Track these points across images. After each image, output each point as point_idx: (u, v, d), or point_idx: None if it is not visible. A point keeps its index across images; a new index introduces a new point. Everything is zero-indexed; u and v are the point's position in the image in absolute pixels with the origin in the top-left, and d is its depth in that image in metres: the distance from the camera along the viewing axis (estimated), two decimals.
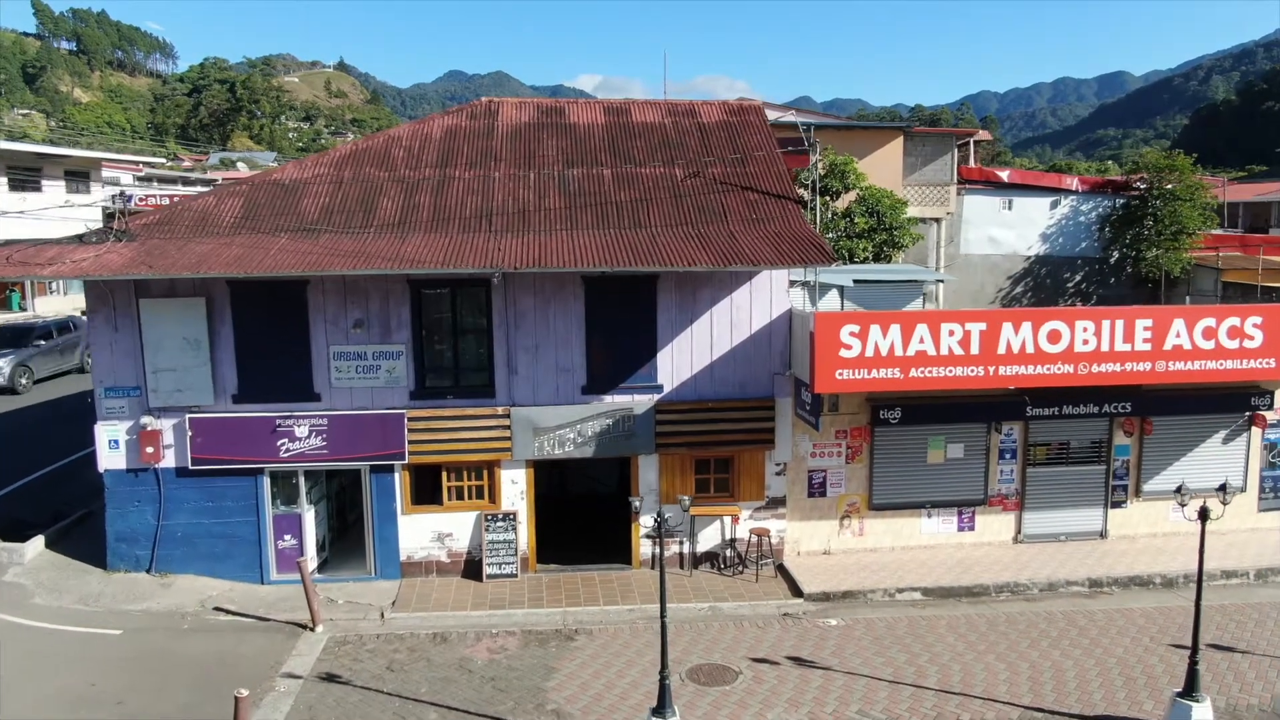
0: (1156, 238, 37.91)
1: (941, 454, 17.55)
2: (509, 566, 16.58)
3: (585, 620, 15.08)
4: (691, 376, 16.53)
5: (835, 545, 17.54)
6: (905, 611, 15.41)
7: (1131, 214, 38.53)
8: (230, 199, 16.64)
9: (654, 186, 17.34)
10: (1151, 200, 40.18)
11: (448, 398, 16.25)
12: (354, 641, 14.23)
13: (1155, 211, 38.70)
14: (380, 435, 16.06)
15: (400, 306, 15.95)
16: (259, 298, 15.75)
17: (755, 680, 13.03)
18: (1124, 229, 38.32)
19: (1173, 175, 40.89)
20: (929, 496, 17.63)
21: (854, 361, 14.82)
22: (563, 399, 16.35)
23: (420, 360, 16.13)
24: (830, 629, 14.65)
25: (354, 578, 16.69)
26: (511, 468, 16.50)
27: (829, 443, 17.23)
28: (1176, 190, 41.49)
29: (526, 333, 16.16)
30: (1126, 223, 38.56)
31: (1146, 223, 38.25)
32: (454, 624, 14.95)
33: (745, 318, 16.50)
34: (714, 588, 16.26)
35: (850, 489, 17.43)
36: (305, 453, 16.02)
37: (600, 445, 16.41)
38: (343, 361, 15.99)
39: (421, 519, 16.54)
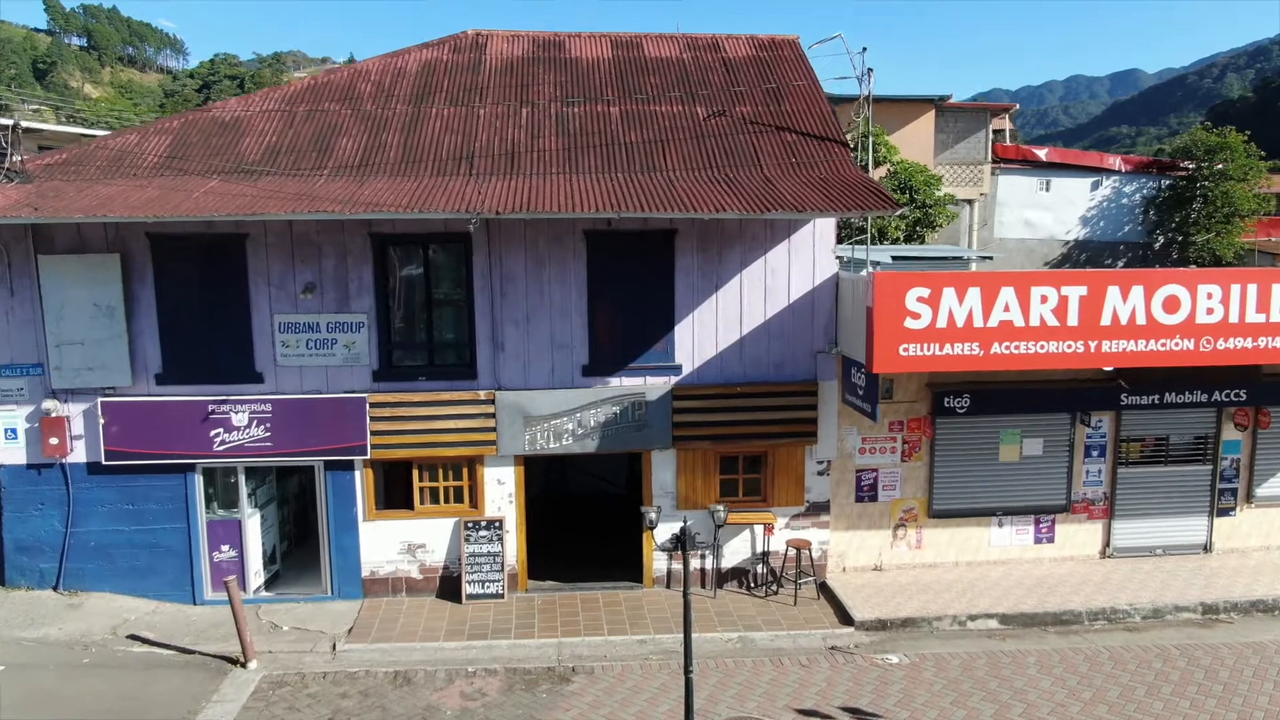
0: (1207, 220, 35.06)
1: (1016, 450, 14.57)
2: (494, 585, 13.65)
3: (585, 655, 12.14)
4: (716, 355, 13.58)
5: (888, 560, 14.58)
6: (981, 645, 12.43)
7: (1179, 195, 35.78)
8: (156, 137, 13.74)
9: (670, 127, 14.38)
10: (1201, 181, 37.25)
11: (419, 379, 13.33)
12: (293, 682, 11.30)
13: (1205, 193, 35.84)
14: (337, 425, 13.15)
15: (360, 267, 13.03)
16: (187, 255, 12.86)
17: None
18: (1171, 212, 35.60)
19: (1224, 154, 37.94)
20: (1001, 502, 14.65)
21: (922, 334, 11.84)
22: (560, 381, 13.42)
23: (385, 333, 13.22)
24: (892, 669, 11.68)
25: (307, 597, 13.78)
26: (497, 464, 13.57)
27: (881, 436, 14.26)
28: (1229, 169, 38.53)
29: (516, 300, 13.24)
30: (1174, 205, 35.85)
31: (1195, 205, 35.47)
32: (421, 659, 12.02)
33: (782, 283, 13.55)
34: (743, 612, 13.31)
35: (906, 492, 14.46)
36: (245, 445, 13.11)
37: (605, 438, 13.47)
38: (290, 334, 13.08)
39: (388, 527, 13.62)
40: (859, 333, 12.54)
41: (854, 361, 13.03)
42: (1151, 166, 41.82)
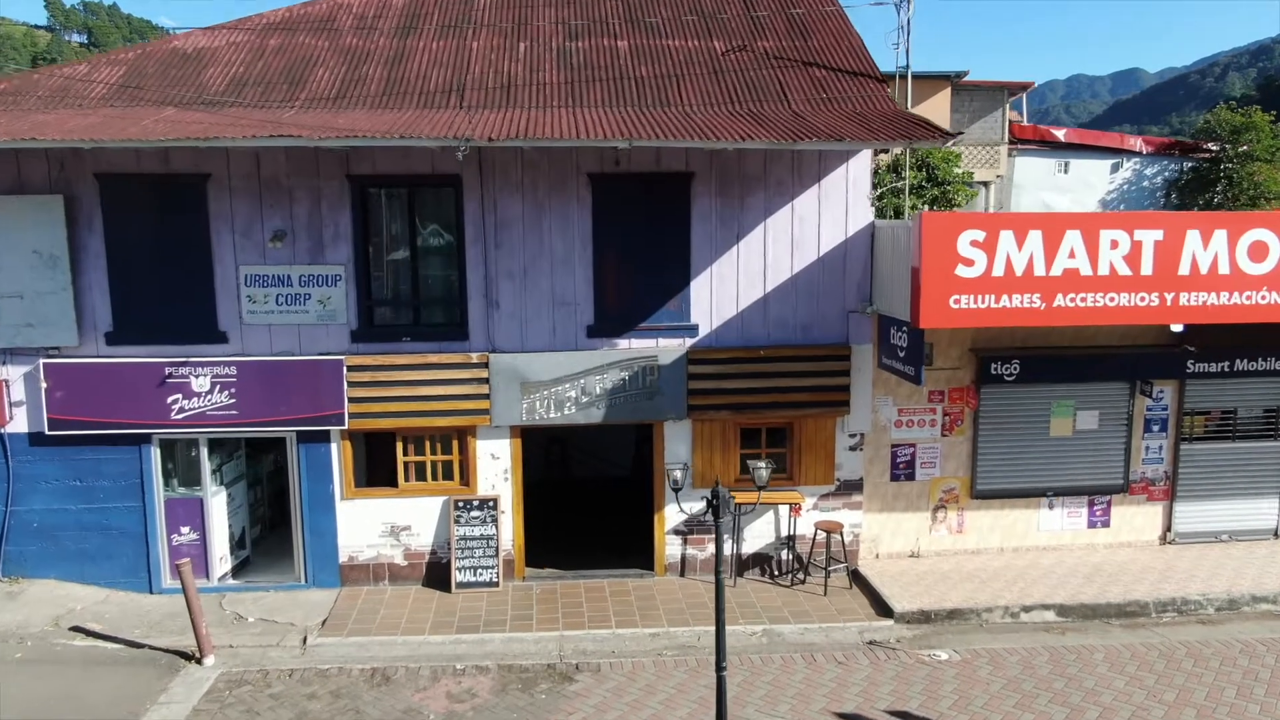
0: (1231, 204, 33.76)
1: (1069, 423, 13.09)
2: (487, 572, 12.16)
3: (590, 650, 10.66)
4: (737, 314, 12.10)
5: (926, 545, 13.09)
6: (1038, 639, 10.96)
7: (1202, 178, 34.48)
8: (108, 68, 12.23)
9: (685, 61, 12.89)
10: (1225, 162, 35.84)
11: (403, 340, 11.84)
12: (255, 681, 9.82)
13: (1230, 174, 34.47)
14: (310, 390, 11.66)
15: (337, 213, 11.55)
16: (141, 198, 11.37)
17: None
18: (1194, 195, 34.28)
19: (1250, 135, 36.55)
20: (1051, 481, 13.17)
21: (976, 284, 10.35)
22: (561, 343, 11.94)
23: (365, 288, 11.74)
24: (941, 666, 10.20)
25: (278, 586, 12.29)
26: (491, 437, 12.09)
27: (920, 408, 12.78)
28: (1255, 150, 37.11)
29: (512, 251, 11.75)
30: (1197, 188, 34.58)
31: (1219, 187, 34.17)
32: (403, 655, 10.53)
33: (811, 234, 12.06)
34: (768, 603, 11.82)
35: (947, 470, 12.99)
36: (207, 414, 11.62)
37: (612, 407, 11.99)
38: (258, 288, 11.59)
39: (368, 507, 12.14)
40: (901, 286, 11.07)
41: (893, 320, 11.54)
42: (1174, 148, 40.35)
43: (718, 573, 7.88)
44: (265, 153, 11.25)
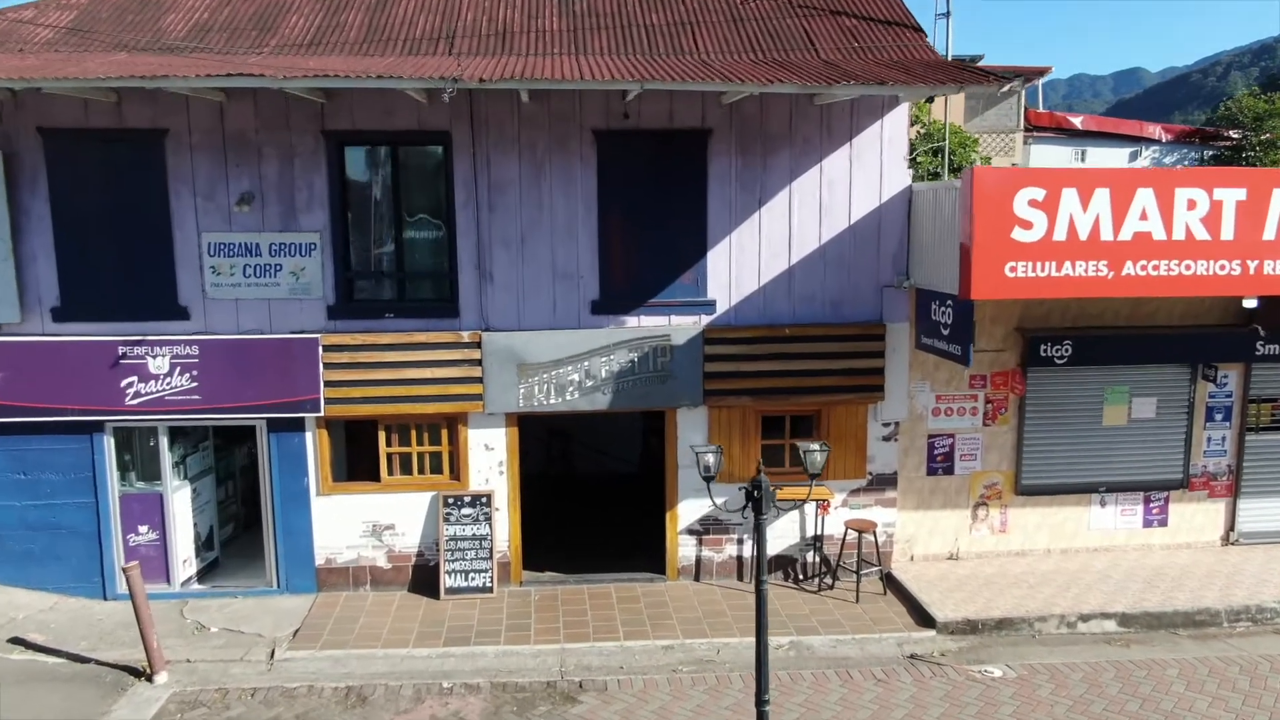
0: None
1: (1124, 412, 11.84)
2: (480, 576, 10.91)
3: (595, 666, 9.41)
4: (759, 289, 10.86)
5: (965, 546, 11.84)
6: (1100, 652, 9.72)
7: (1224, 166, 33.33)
8: (56, 12, 10.96)
9: (700, 8, 11.63)
10: (1248, 150, 34.71)
11: (386, 316, 10.60)
12: (211, 702, 8.57)
13: (1253, 163, 33.37)
14: (282, 373, 10.42)
15: (311, 174, 10.30)
16: (91, 156, 10.14)
17: None
18: None
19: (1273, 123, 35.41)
20: (1103, 475, 11.91)
21: (1035, 249, 9.10)
22: (563, 320, 10.70)
23: (344, 258, 10.50)
24: (996, 685, 8.95)
25: (247, 591, 11.05)
26: (484, 425, 10.84)
27: (960, 394, 11.53)
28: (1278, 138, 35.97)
29: (507, 217, 10.51)
30: None
31: None
32: (384, 671, 9.28)
33: (841, 199, 10.82)
34: (794, 610, 10.57)
35: (989, 463, 11.73)
36: (166, 399, 10.37)
37: (619, 393, 10.74)
38: (223, 258, 10.34)
39: (348, 503, 10.89)
40: (945, 255, 9.83)
41: (934, 294, 10.29)
42: (1194, 136, 39.12)
43: (759, 581, 6.67)
44: (231, 105, 10.02)
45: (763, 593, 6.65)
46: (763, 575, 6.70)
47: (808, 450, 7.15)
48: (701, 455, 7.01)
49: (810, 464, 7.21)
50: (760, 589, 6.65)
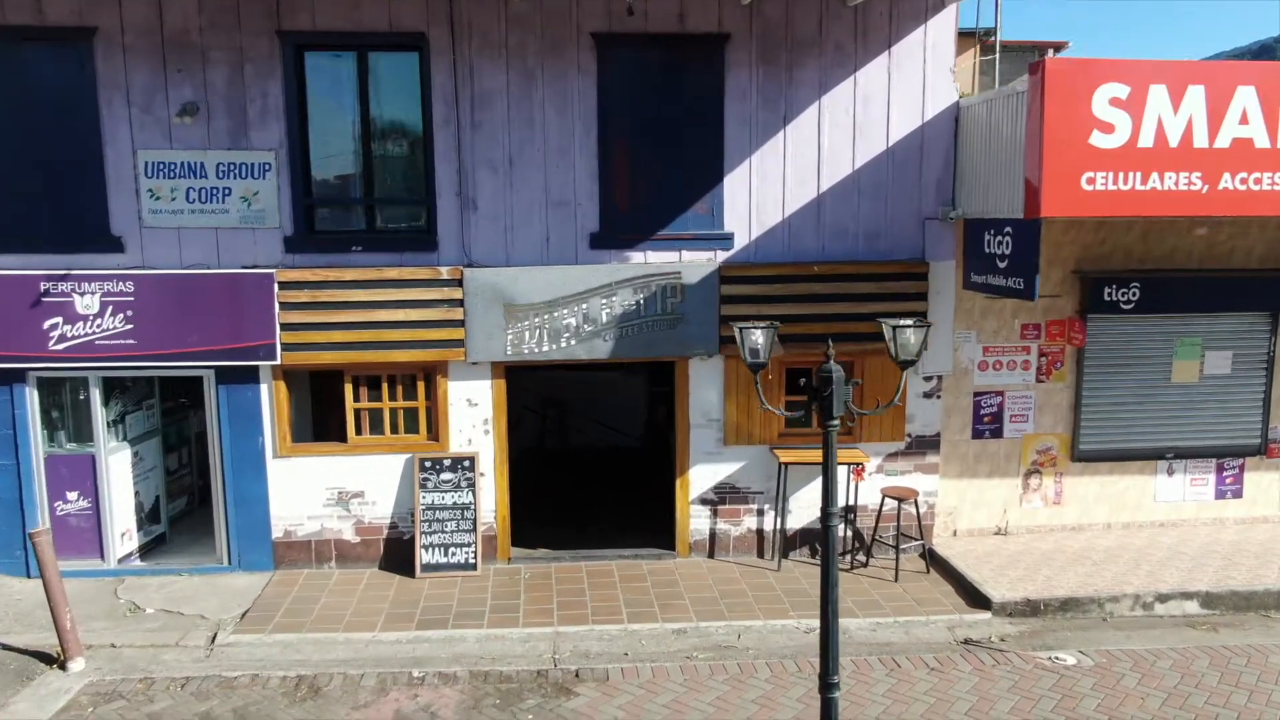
0: None
1: (1195, 367, 10.42)
2: (461, 551, 9.48)
3: (595, 652, 7.97)
4: (783, 220, 9.44)
5: (1015, 519, 10.40)
6: (1185, 637, 8.30)
7: None
8: None
9: None
10: None
11: (353, 249, 9.17)
12: (131, 694, 7.13)
13: None
14: (232, 314, 8.98)
15: (265, 82, 8.87)
16: (5, 60, 8.70)
17: None
18: None
19: None
20: (1172, 440, 10.49)
21: (1117, 156, 7.68)
22: (557, 255, 9.28)
23: (304, 181, 9.07)
24: (1072, 674, 7.52)
25: (195, 569, 9.62)
26: (467, 376, 9.42)
27: (1010, 346, 10.11)
28: None
29: (493, 135, 9.08)
30: None
31: None
32: (344, 658, 7.84)
33: (879, 116, 9.40)
34: None
35: (1042, 425, 10.30)
36: (96, 343, 8.94)
37: (622, 339, 9.31)
38: (163, 180, 8.91)
39: (310, 467, 9.46)
40: (1004, 173, 8.42)
41: (989, 222, 8.87)
42: None
43: (827, 518, 5.22)
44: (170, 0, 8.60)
45: (832, 531, 5.20)
46: (831, 507, 5.25)
47: (898, 326, 5.46)
48: (748, 333, 5.56)
49: (902, 346, 5.49)
50: (829, 529, 5.20)
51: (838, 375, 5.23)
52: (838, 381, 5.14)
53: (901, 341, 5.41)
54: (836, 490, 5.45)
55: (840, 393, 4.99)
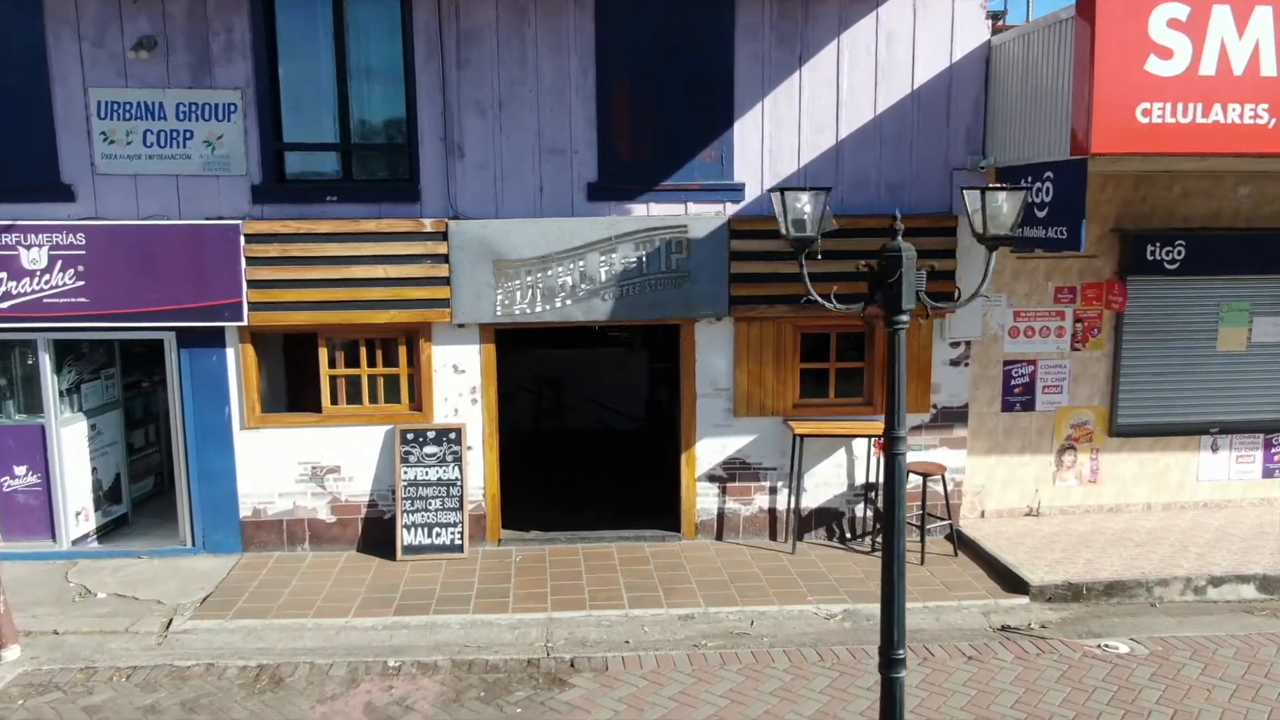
0: None
1: (1242, 335, 9.64)
2: (447, 532, 8.68)
3: (592, 640, 7.16)
4: (798, 169, 8.64)
5: (1048, 499, 9.61)
6: (1245, 624, 7.52)
7: None
8: None
9: None
10: None
11: (327, 199, 8.36)
12: (69, 685, 6.33)
13: None
14: (194, 270, 8.18)
15: (230, 13, 8.06)
16: None
17: None
18: None
19: None
20: (1216, 413, 9.70)
21: (1176, 85, 6.88)
22: (552, 207, 8.48)
23: (273, 124, 8.26)
24: (1126, 663, 6.72)
25: (155, 551, 8.80)
26: (453, 340, 8.61)
27: (1043, 310, 9.33)
28: None
29: (482, 74, 8.28)
30: None
31: None
32: (312, 646, 7.04)
33: (903, 56, 8.60)
34: (844, 574, 8.34)
35: (1078, 397, 9.51)
36: (45, 301, 8.13)
37: (623, 299, 8.51)
38: (117, 121, 8.10)
39: (281, 440, 8.65)
40: (1042, 114, 7.64)
41: (1026, 169, 8.07)
42: None
43: (894, 456, 4.45)
44: None
45: (899, 460, 4.41)
46: (897, 429, 4.40)
47: (987, 190, 4.49)
48: (792, 198, 4.69)
49: (992, 218, 4.51)
50: (895, 457, 4.40)
51: (908, 255, 4.38)
52: (907, 263, 4.29)
53: (992, 211, 4.48)
54: (903, 403, 4.55)
55: (911, 278, 4.15)
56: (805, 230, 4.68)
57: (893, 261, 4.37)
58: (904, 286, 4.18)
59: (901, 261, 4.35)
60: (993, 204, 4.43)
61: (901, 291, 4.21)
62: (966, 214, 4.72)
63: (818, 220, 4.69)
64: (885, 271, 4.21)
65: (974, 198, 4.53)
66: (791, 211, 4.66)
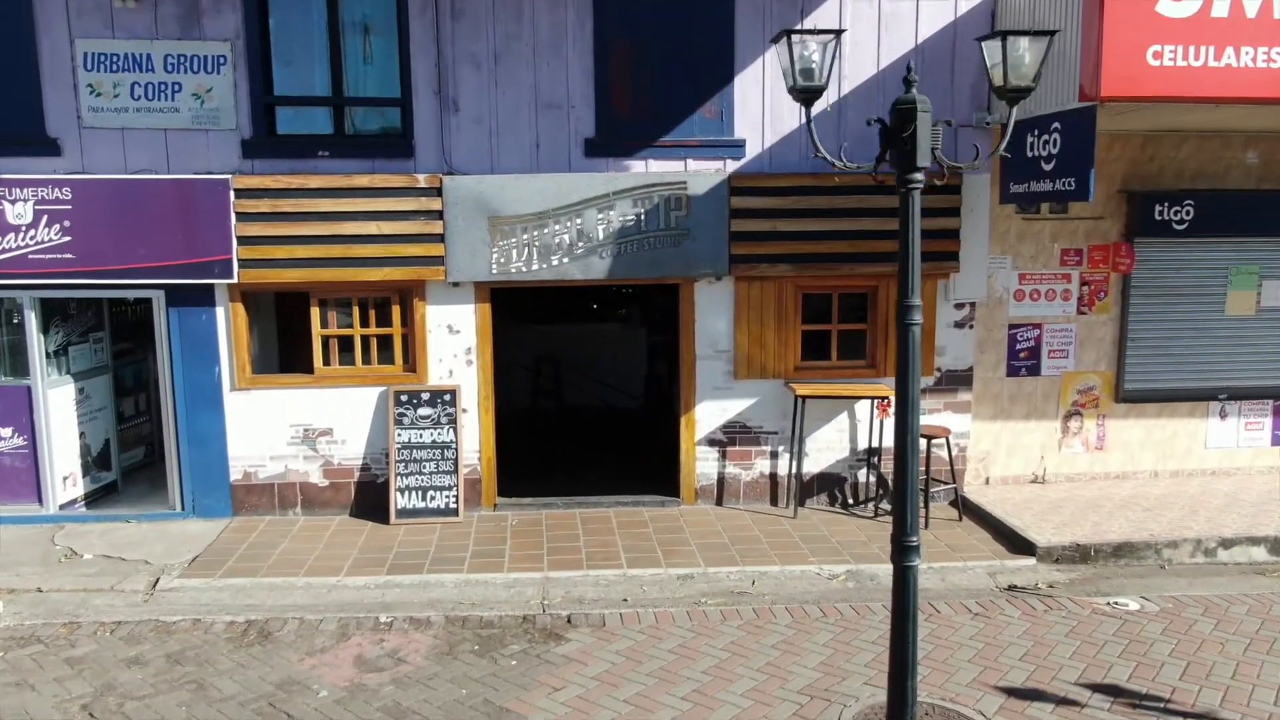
0: None
1: (1252, 298, 9.49)
2: (441, 495, 8.51)
3: (589, 598, 7.00)
4: (799, 127, 8.47)
5: (1053, 466, 9.44)
6: (1256, 585, 7.35)
7: None
8: None
9: None
10: None
11: (319, 154, 8.19)
12: (51, 639, 6.15)
13: None
14: (183, 226, 8.00)
15: None
16: None
17: None
18: None
19: None
20: (1225, 379, 9.55)
21: (1188, 27, 6.73)
22: (549, 163, 8.30)
23: (264, 77, 8.09)
24: (1136, 620, 6.55)
25: (144, 514, 8.63)
26: (447, 300, 8.44)
27: (1048, 273, 9.17)
28: None
29: (477, 26, 8.11)
30: None
31: None
32: (302, 603, 6.87)
33: (907, 9, 8.45)
34: (847, 537, 8.17)
35: (1084, 362, 9.35)
36: (30, 257, 7.96)
37: (621, 258, 8.34)
38: (104, 73, 7.93)
39: (272, 401, 8.48)
40: (1055, 60, 7.42)
41: (1033, 122, 7.90)
42: None
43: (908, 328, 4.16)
44: None
45: (913, 332, 4.13)
46: (910, 298, 4.11)
47: (1009, 34, 4.32)
48: (801, 43, 4.41)
49: (1014, 68, 4.31)
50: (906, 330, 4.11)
51: (922, 107, 4.09)
52: (922, 116, 4.04)
53: (1013, 61, 4.25)
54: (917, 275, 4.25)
55: (926, 132, 3.94)
56: (813, 80, 4.45)
57: (906, 114, 4.11)
58: (919, 141, 3.87)
59: (915, 114, 4.07)
60: (1014, 53, 4.21)
61: (916, 147, 3.89)
62: (986, 70, 4.46)
63: (826, 69, 4.45)
64: (900, 124, 3.90)
65: (993, 49, 4.32)
66: (800, 60, 4.43)
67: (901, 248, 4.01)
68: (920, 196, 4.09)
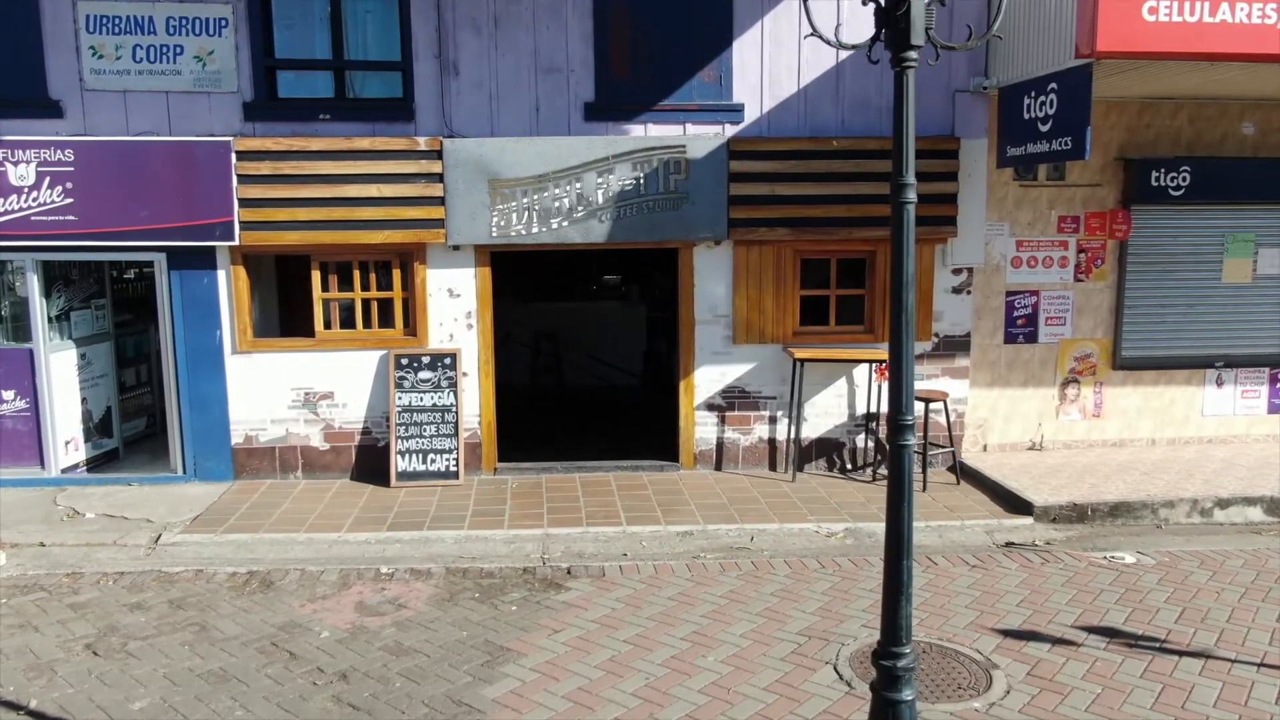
0: None
1: (1248, 266, 9.53)
2: (442, 459, 8.55)
3: (589, 553, 7.04)
4: (799, 90, 8.50)
5: (1050, 434, 9.49)
6: (1251, 542, 7.38)
7: None
8: None
9: None
10: None
11: (320, 117, 8.23)
12: (54, 587, 6.19)
13: None
14: (184, 189, 8.04)
15: None
16: None
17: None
18: None
19: None
20: (1221, 347, 9.60)
21: None
22: (548, 126, 8.34)
23: (265, 40, 8.13)
24: (1132, 571, 6.60)
25: (150, 478, 8.67)
26: (447, 263, 8.48)
27: (1045, 240, 9.20)
28: None
29: None
30: None
31: None
32: (303, 556, 6.91)
33: None
34: (846, 499, 8.21)
35: (1081, 329, 9.40)
36: (32, 219, 7.99)
37: (620, 221, 8.38)
38: (106, 35, 7.96)
39: (273, 364, 8.51)
40: (1046, 23, 7.50)
41: (1029, 84, 7.94)
42: None
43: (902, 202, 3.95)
44: None
45: (907, 210, 3.92)
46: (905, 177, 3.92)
47: None
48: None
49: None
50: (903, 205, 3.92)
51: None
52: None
53: None
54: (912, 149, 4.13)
55: (921, 12, 3.90)
56: None
57: None
58: (913, 19, 3.78)
59: None
60: None
61: (911, 25, 3.81)
62: None
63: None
64: (893, 4, 3.84)
65: None
66: None
67: (895, 128, 3.99)
68: (914, 76, 4.01)
